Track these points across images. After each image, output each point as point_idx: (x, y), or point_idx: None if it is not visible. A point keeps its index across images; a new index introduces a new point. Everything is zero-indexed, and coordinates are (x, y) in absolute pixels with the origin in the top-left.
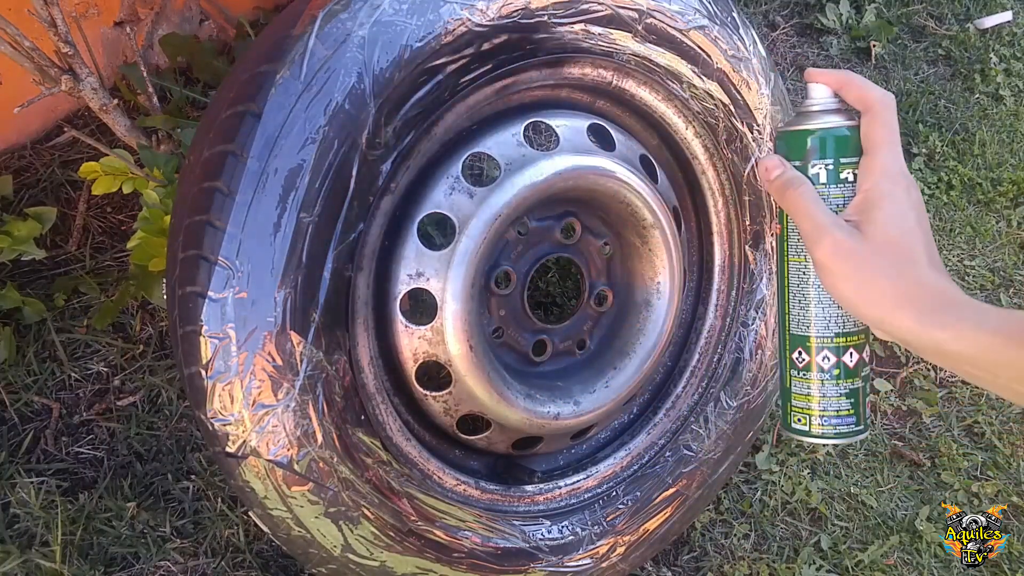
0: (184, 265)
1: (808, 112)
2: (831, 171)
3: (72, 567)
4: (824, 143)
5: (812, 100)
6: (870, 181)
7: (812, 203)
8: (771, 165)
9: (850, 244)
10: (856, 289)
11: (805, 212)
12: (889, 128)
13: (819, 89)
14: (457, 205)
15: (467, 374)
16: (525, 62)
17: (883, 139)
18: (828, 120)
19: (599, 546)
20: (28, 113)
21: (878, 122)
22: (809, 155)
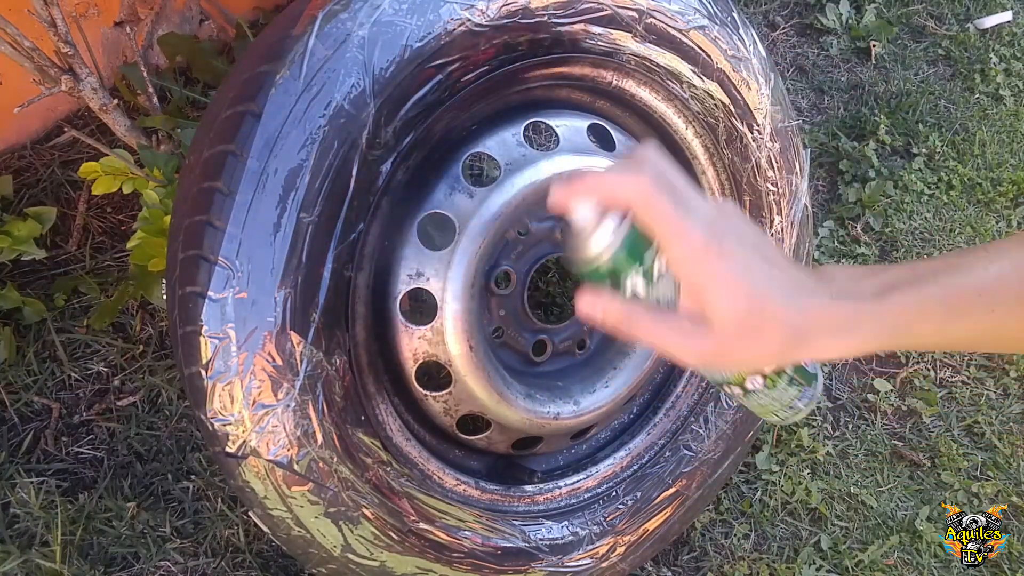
0: (184, 265)
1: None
2: (644, 278)
3: (72, 567)
4: (620, 261)
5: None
6: (680, 270)
7: (655, 326)
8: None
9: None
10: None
11: (654, 338)
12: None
13: (577, 208)
14: (457, 205)
15: (467, 374)
16: (525, 62)
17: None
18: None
19: (599, 546)
20: (28, 113)
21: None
22: (615, 276)
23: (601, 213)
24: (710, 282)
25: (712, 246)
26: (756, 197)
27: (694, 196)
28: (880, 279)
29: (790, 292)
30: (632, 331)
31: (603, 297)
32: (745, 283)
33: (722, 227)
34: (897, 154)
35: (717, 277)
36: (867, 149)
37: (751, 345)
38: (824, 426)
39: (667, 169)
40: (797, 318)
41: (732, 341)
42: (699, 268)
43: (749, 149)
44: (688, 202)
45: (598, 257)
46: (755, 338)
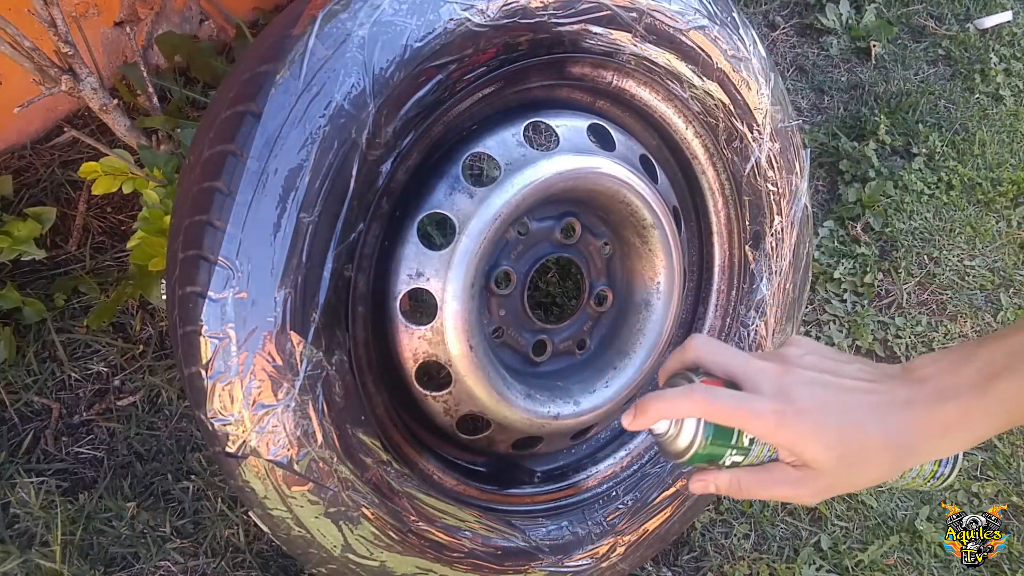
0: (184, 265)
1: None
2: (739, 452)
3: (72, 567)
4: (710, 451)
5: (662, 435)
6: (771, 441)
7: (763, 485)
8: (702, 486)
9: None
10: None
11: (767, 495)
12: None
13: (657, 426)
14: (457, 205)
15: (467, 374)
16: (525, 62)
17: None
18: (691, 437)
19: (599, 546)
20: (28, 113)
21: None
22: (713, 460)
23: (679, 421)
24: (798, 441)
25: (785, 413)
26: (756, 197)
27: (752, 368)
28: (975, 366)
29: (882, 414)
30: (744, 495)
31: (710, 474)
32: (830, 427)
33: (787, 384)
34: (897, 154)
35: (802, 435)
36: (867, 149)
37: (860, 473)
38: None
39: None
40: (897, 438)
41: (841, 477)
42: (781, 435)
43: (749, 149)
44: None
45: (690, 453)
46: (862, 468)
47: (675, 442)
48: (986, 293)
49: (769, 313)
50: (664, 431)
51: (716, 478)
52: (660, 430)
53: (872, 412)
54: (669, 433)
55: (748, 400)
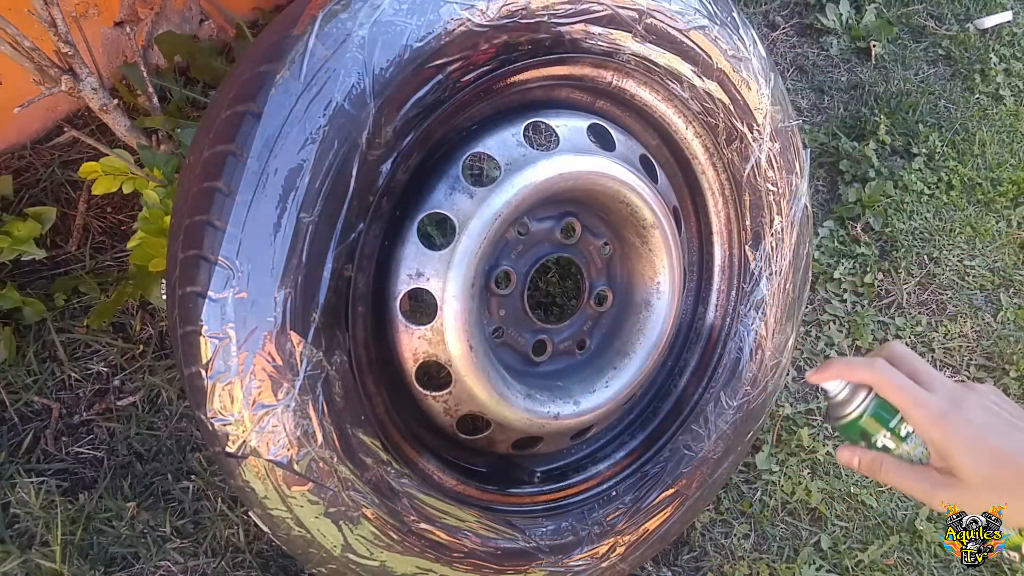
0: (184, 265)
1: (838, 404)
2: (893, 436)
3: (72, 567)
4: (869, 422)
5: (832, 394)
6: (924, 436)
7: (901, 476)
8: (847, 457)
9: (956, 495)
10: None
11: (901, 485)
12: (895, 389)
13: (831, 384)
14: (457, 205)
15: (467, 374)
16: (525, 62)
17: (901, 401)
18: (857, 404)
19: (599, 546)
20: (28, 113)
21: (885, 391)
22: (866, 434)
23: (853, 387)
24: (952, 444)
25: (950, 415)
26: (756, 197)
27: (937, 375)
28: None
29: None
30: (884, 478)
31: (859, 449)
32: (988, 445)
33: (963, 396)
34: (897, 154)
35: (959, 440)
36: (867, 149)
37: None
38: (824, 426)
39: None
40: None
41: (981, 495)
42: (940, 432)
43: (749, 149)
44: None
45: (850, 418)
46: (1005, 493)
47: (841, 405)
48: (986, 293)
49: (769, 313)
50: (836, 392)
51: (863, 454)
52: (833, 390)
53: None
54: (840, 395)
55: (920, 390)
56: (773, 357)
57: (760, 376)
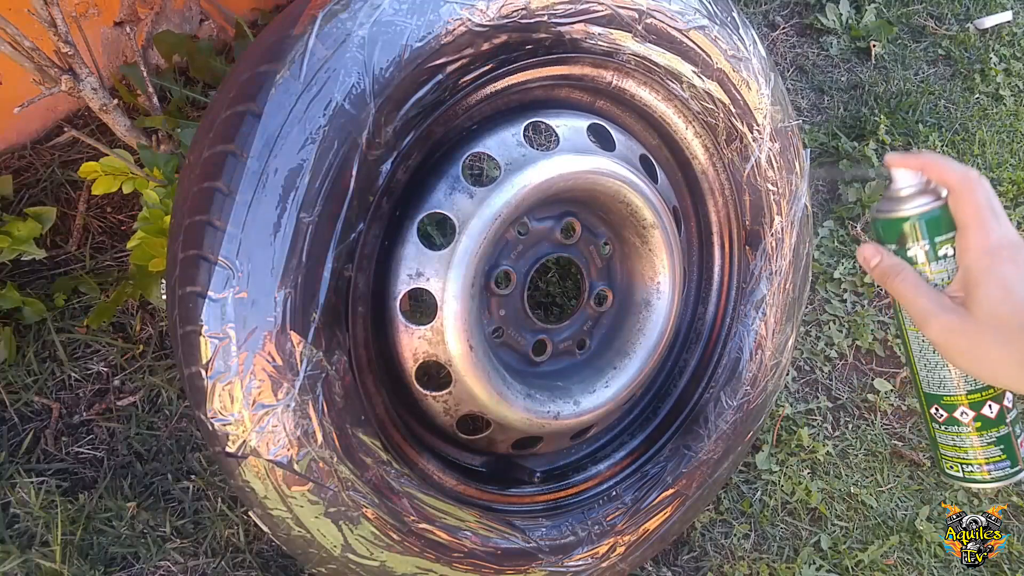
0: (184, 265)
1: (897, 198)
2: (929, 251)
3: (72, 567)
4: (917, 226)
5: (898, 185)
6: (967, 259)
7: (914, 289)
8: (870, 254)
9: (956, 323)
10: (972, 362)
11: (909, 299)
12: (973, 204)
13: (903, 174)
14: (457, 205)
15: (467, 374)
16: (525, 62)
17: (969, 216)
18: (917, 203)
19: (599, 546)
20: (28, 113)
21: (963, 200)
22: (904, 239)
23: (922, 186)
24: (987, 277)
25: (1005, 251)
26: (756, 197)
27: (1006, 219)
28: None
29: None
30: (896, 285)
31: (884, 250)
32: (1018, 293)
33: (1021, 247)
34: None
35: (996, 276)
36: (867, 149)
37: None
38: (824, 426)
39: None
40: None
41: (983, 332)
42: (983, 261)
43: (749, 149)
44: (1000, 216)
45: (901, 218)
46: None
47: (901, 199)
48: None
49: (769, 313)
50: (906, 183)
51: (887, 257)
52: (904, 181)
53: None
54: (907, 189)
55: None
56: (773, 357)
57: (760, 376)
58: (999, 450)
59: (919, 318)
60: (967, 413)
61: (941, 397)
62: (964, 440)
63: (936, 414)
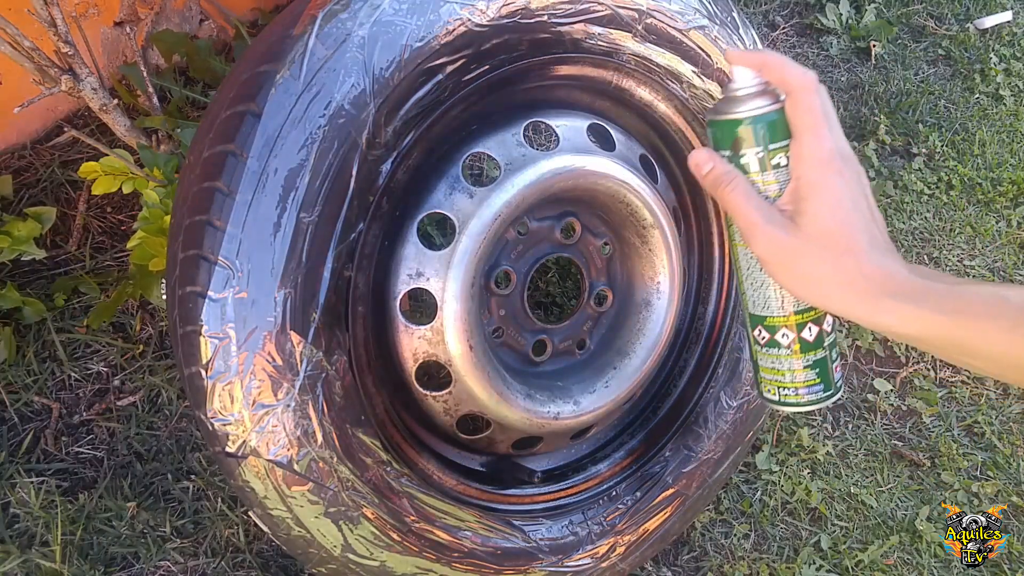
0: (184, 265)
1: (733, 98)
2: (762, 159)
3: (72, 567)
4: (751, 131)
5: (736, 85)
6: (799, 169)
7: (744, 199)
8: (701, 160)
9: (783, 238)
10: (796, 279)
11: (738, 209)
12: (810, 111)
13: (742, 72)
14: (457, 205)
15: (467, 374)
16: (525, 62)
17: (806, 124)
18: (753, 105)
19: (599, 546)
20: (28, 113)
21: (800, 106)
22: (738, 144)
23: (762, 87)
24: (818, 190)
25: (836, 163)
26: None
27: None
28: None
29: (880, 247)
30: (727, 195)
31: (717, 157)
32: (846, 209)
33: (851, 161)
34: (897, 154)
35: (827, 189)
36: (867, 149)
37: (823, 264)
38: (824, 426)
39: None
40: (874, 269)
41: (809, 248)
42: (816, 173)
43: None
44: (835, 126)
45: (738, 120)
46: (830, 260)
47: (739, 100)
48: None
49: None
50: (745, 84)
51: (719, 165)
52: (743, 81)
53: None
54: (745, 89)
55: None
56: None
57: None
58: (815, 374)
59: (746, 231)
60: (788, 335)
61: (764, 318)
62: (783, 363)
63: (759, 335)
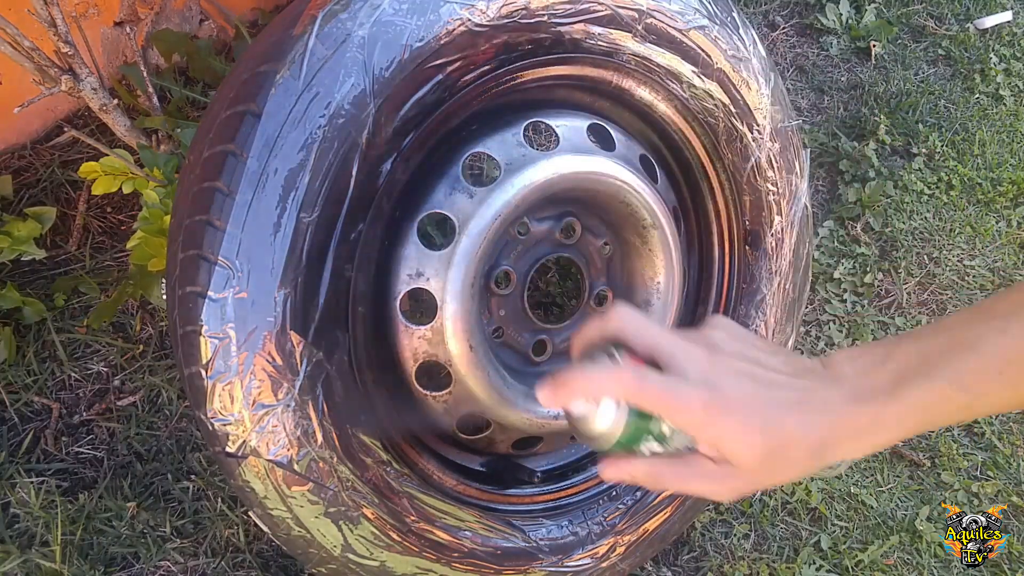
0: (184, 265)
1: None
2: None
3: (72, 567)
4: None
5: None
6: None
7: (684, 480)
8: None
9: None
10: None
11: (688, 490)
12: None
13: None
14: (457, 205)
15: (467, 374)
16: (525, 62)
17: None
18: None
19: (599, 546)
20: (28, 113)
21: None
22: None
23: (596, 401)
24: (723, 436)
25: (714, 405)
26: (756, 197)
27: (679, 351)
28: (889, 368)
29: (803, 414)
30: (661, 486)
31: (625, 462)
32: (756, 425)
33: (715, 373)
34: (897, 154)
35: (728, 430)
36: (867, 149)
37: (779, 471)
38: None
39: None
40: (814, 436)
41: (760, 474)
42: (707, 428)
43: (749, 149)
44: (675, 366)
45: (607, 438)
46: (781, 465)
47: (593, 424)
48: (986, 293)
49: (769, 313)
50: (582, 411)
51: (633, 467)
52: (578, 411)
53: (793, 411)
54: (587, 414)
55: (677, 387)
56: None
57: None
58: None
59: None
60: None
61: None
62: None
63: None
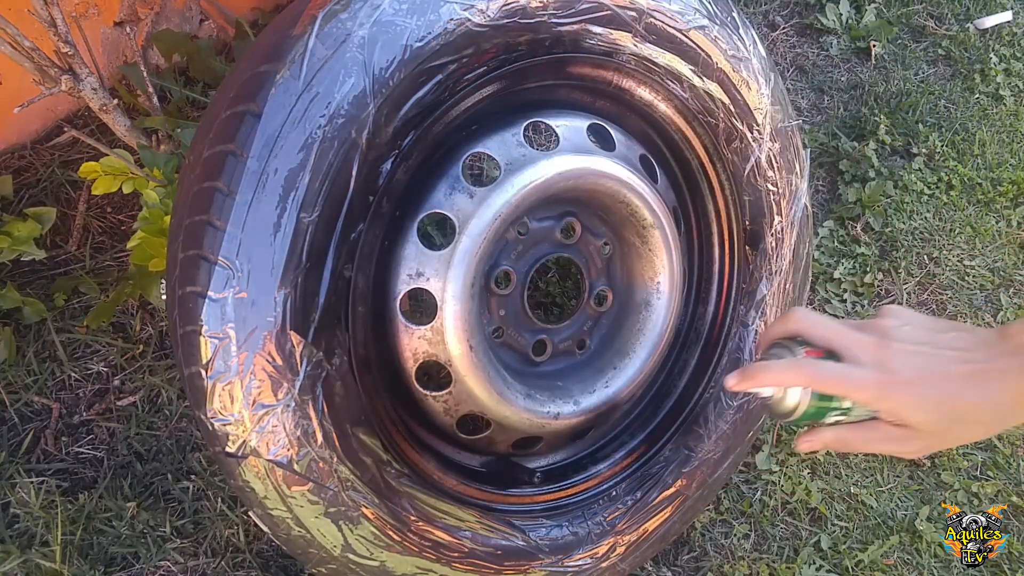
0: (184, 265)
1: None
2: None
3: (72, 567)
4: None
5: (767, 397)
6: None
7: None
8: (810, 445)
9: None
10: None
11: (872, 450)
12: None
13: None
14: (457, 205)
15: (467, 374)
16: (525, 62)
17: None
18: (796, 400)
19: (599, 546)
20: (28, 113)
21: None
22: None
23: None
24: (900, 410)
25: (887, 384)
26: (756, 197)
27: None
28: None
29: (979, 383)
30: (849, 449)
31: (814, 434)
32: (930, 397)
33: (887, 356)
34: (897, 154)
35: (903, 403)
36: (867, 149)
37: (965, 434)
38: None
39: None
40: (994, 405)
41: (942, 438)
42: (885, 404)
43: (749, 149)
44: (849, 354)
45: (797, 414)
46: (965, 429)
47: (782, 404)
48: (986, 293)
49: (769, 313)
50: (770, 395)
51: (821, 436)
52: (766, 393)
53: (969, 381)
54: (775, 396)
55: (850, 372)
56: None
57: None
58: None
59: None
60: None
61: None
62: None
63: None
